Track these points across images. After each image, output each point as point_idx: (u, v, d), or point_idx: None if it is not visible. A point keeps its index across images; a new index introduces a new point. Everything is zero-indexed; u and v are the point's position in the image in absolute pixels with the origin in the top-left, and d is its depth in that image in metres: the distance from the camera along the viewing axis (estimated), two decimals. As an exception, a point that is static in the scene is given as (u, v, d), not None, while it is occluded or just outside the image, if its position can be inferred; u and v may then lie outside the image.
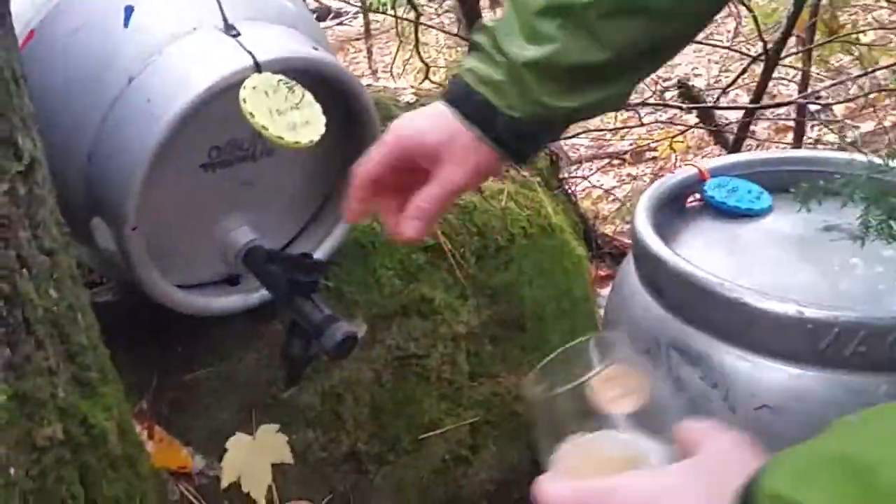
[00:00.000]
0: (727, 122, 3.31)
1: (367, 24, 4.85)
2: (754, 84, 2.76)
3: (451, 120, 0.80)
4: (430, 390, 1.28)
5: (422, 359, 1.27)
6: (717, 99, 3.18)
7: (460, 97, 0.81)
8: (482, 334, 1.34)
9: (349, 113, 1.03)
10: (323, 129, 0.91)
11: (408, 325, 1.25)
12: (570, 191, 2.15)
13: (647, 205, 1.08)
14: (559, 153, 2.05)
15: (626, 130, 4.65)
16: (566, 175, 2.52)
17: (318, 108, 0.91)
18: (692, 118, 3.51)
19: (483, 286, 1.33)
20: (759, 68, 2.63)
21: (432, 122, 0.82)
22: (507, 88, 0.79)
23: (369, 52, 5.01)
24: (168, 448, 1.07)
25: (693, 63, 5.13)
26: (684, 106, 2.65)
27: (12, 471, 0.67)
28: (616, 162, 4.19)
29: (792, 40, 2.68)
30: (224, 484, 1.08)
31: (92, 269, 1.13)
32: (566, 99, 0.80)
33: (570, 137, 3.06)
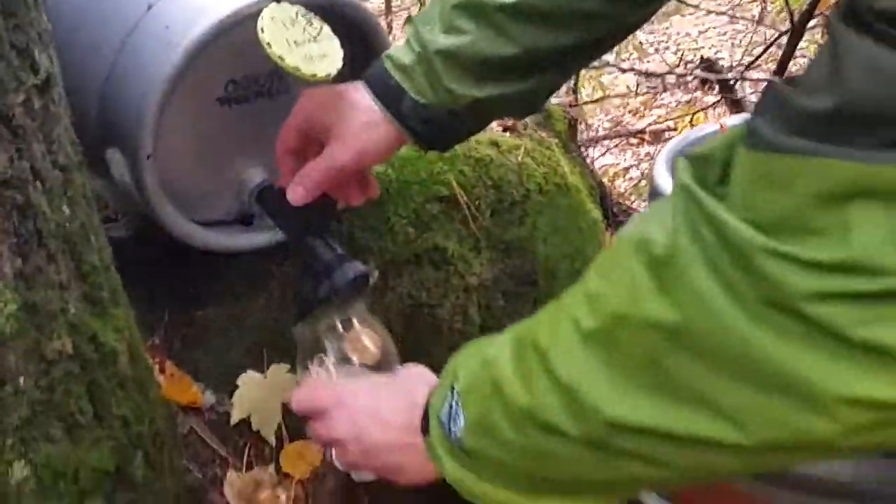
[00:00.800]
0: (750, 99, 3.28)
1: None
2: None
3: (357, 99, 0.90)
4: (440, 340, 1.28)
5: (433, 308, 1.27)
6: (741, 75, 3.15)
7: (376, 79, 0.91)
8: (494, 288, 1.34)
9: (366, 52, 1.03)
10: (340, 64, 0.90)
11: (420, 275, 1.25)
12: (587, 157, 2.14)
13: (668, 156, 1.08)
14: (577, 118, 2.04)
15: (645, 111, 4.62)
16: (583, 143, 2.51)
17: (336, 42, 0.91)
18: (713, 99, 3.48)
19: (497, 240, 1.33)
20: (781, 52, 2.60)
21: (336, 100, 0.91)
22: (417, 74, 0.88)
23: (389, 27, 4.99)
24: (179, 383, 1.08)
25: (717, 46, 5.08)
26: (711, 76, 2.62)
27: (21, 380, 0.68)
28: (634, 142, 4.17)
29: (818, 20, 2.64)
30: (234, 420, 1.09)
31: (107, 204, 1.14)
32: (473, 88, 0.91)
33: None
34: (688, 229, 0.54)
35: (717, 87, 3.10)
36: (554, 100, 1.79)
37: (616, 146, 4.01)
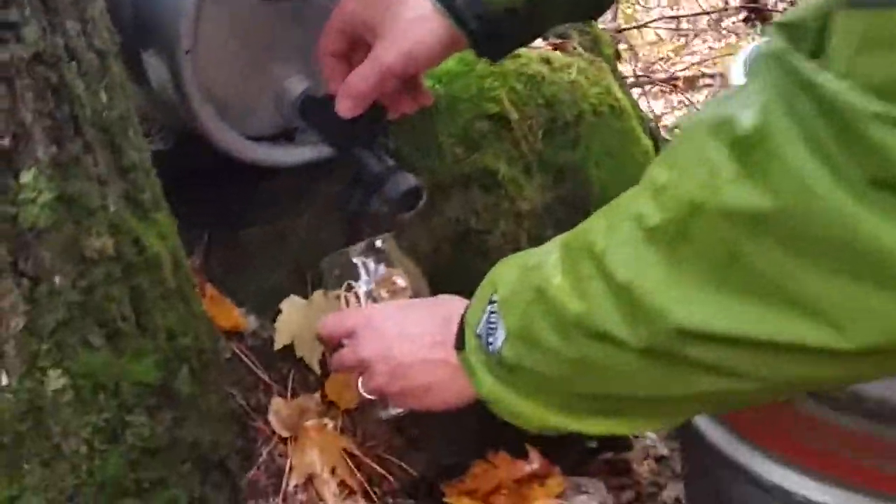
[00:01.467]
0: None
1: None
2: None
3: None
4: (488, 268, 1.22)
5: (482, 234, 1.20)
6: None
7: None
8: (545, 216, 1.27)
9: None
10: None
11: (469, 198, 1.18)
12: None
13: (740, 63, 1.00)
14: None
15: (676, 57, 4.49)
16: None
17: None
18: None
19: (549, 164, 1.25)
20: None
21: None
22: None
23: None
24: (220, 306, 1.02)
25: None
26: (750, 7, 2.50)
27: (57, 279, 0.62)
28: (666, 89, 4.05)
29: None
30: (277, 346, 1.03)
31: (143, 118, 1.07)
32: None
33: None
34: (781, 102, 0.47)
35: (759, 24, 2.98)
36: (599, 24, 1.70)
37: (648, 92, 3.90)
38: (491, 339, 0.67)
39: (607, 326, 0.56)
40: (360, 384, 0.86)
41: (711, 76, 3.93)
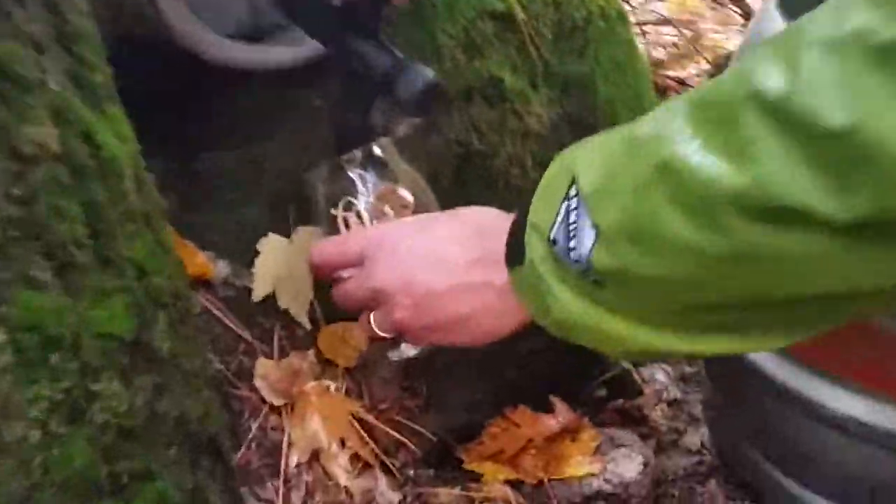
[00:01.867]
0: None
1: None
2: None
3: None
4: (494, 197, 1.04)
5: (486, 158, 1.02)
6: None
7: None
8: (550, 137, 1.09)
9: None
10: None
11: (471, 113, 0.99)
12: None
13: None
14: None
15: None
16: None
17: None
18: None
19: (555, 75, 1.07)
20: None
21: None
22: None
23: None
24: (181, 251, 0.81)
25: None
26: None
27: (-17, 183, 0.41)
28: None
29: None
30: (256, 296, 0.84)
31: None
32: None
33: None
34: None
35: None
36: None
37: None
38: (573, 245, 0.52)
39: (796, 198, 0.40)
40: (371, 321, 0.68)
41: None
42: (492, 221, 0.66)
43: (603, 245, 0.50)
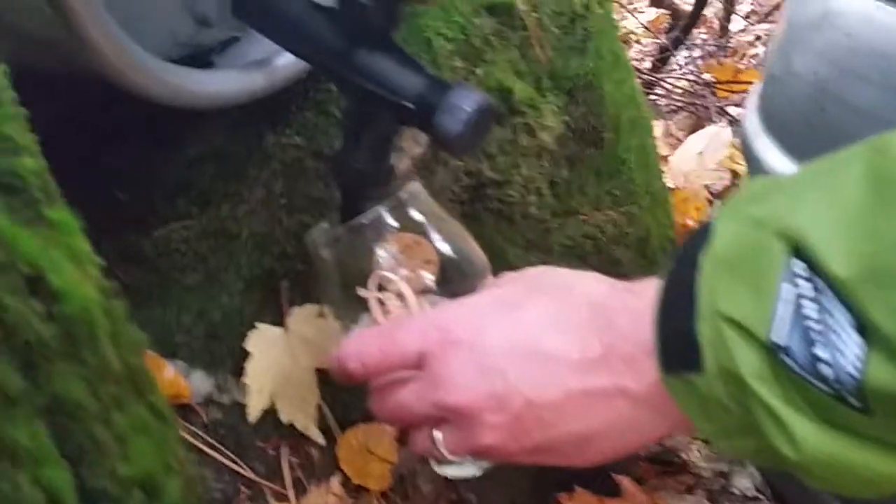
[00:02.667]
0: None
1: None
2: None
3: None
4: (514, 235, 0.84)
5: (500, 187, 0.82)
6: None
7: None
8: (559, 152, 0.90)
9: None
10: None
11: (478, 134, 0.79)
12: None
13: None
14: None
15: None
16: None
17: None
18: None
19: (560, 76, 0.88)
20: None
21: None
22: None
23: None
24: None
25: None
26: None
27: None
28: None
29: None
30: (253, 415, 0.61)
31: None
32: None
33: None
34: None
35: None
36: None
37: None
38: (823, 355, 0.34)
39: None
40: (437, 443, 0.48)
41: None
42: (605, 297, 0.47)
43: (883, 356, 0.31)
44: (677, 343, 0.40)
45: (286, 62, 0.60)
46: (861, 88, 0.68)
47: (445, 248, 0.56)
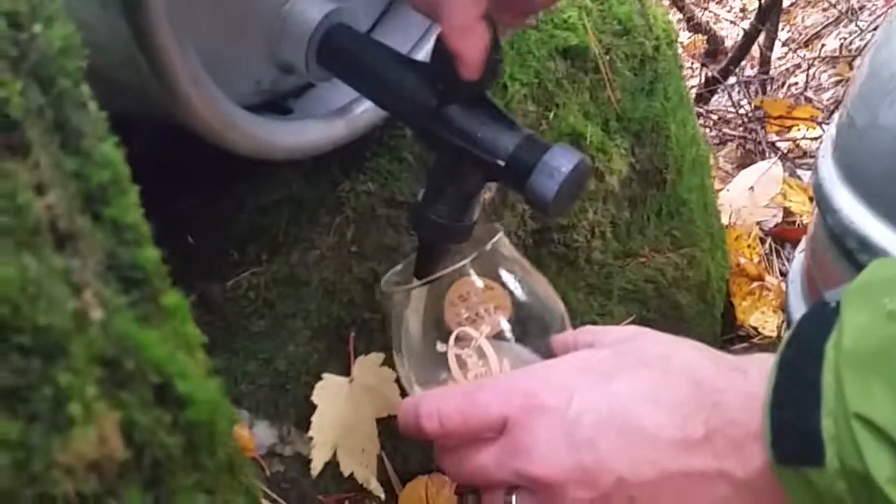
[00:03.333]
0: None
1: None
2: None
3: None
4: (576, 280, 0.82)
5: (565, 232, 0.80)
6: None
7: None
8: (621, 194, 0.88)
9: None
10: None
11: (547, 179, 0.77)
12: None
13: None
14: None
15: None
16: None
17: None
18: None
19: (628, 119, 0.86)
20: None
21: None
22: None
23: None
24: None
25: None
26: None
27: None
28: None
29: None
30: (316, 468, 0.60)
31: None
32: None
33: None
34: None
35: None
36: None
37: None
38: None
39: None
40: None
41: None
42: (710, 375, 0.44)
43: None
44: (794, 435, 0.38)
45: (366, 109, 0.59)
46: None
47: (525, 299, 0.54)
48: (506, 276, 0.53)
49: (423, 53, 0.62)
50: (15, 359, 0.17)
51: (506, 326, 0.52)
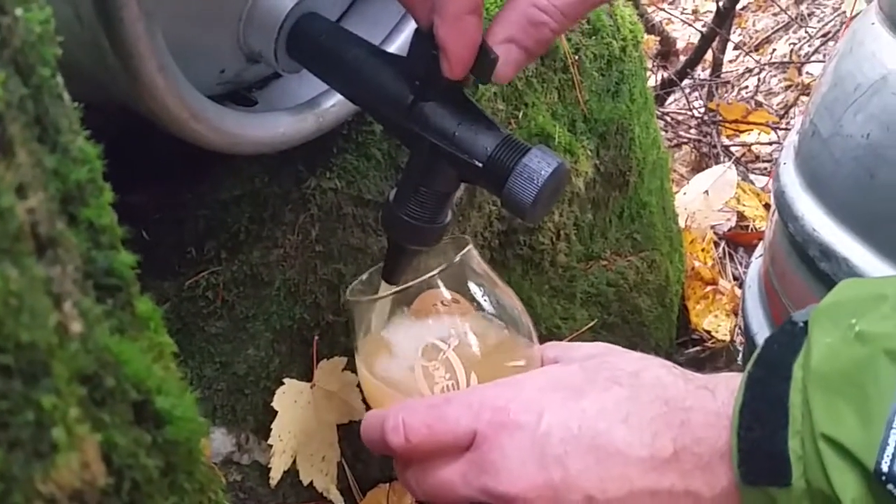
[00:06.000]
0: None
1: None
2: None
3: None
4: (541, 283, 0.81)
5: (530, 234, 0.79)
6: None
7: None
8: (585, 196, 0.87)
9: None
10: None
11: (514, 179, 0.75)
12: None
13: None
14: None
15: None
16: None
17: None
18: None
19: (593, 120, 0.85)
20: None
21: None
22: None
23: None
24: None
25: None
26: None
27: None
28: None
29: None
30: (276, 475, 0.57)
31: None
32: None
33: None
34: None
35: None
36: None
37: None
38: None
39: None
40: None
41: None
42: (679, 393, 0.43)
43: None
44: (761, 455, 0.38)
45: (335, 103, 0.56)
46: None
47: (492, 312, 0.52)
48: (474, 288, 0.52)
49: (395, 47, 0.60)
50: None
51: (472, 340, 0.50)
